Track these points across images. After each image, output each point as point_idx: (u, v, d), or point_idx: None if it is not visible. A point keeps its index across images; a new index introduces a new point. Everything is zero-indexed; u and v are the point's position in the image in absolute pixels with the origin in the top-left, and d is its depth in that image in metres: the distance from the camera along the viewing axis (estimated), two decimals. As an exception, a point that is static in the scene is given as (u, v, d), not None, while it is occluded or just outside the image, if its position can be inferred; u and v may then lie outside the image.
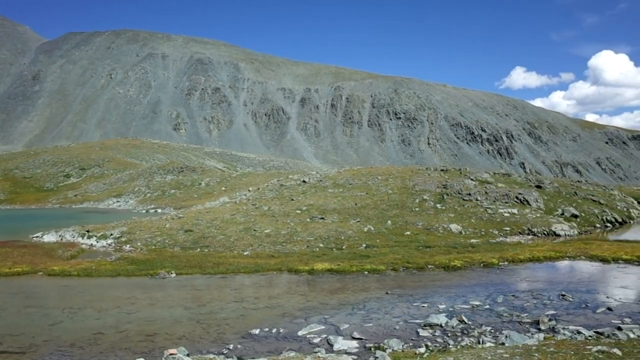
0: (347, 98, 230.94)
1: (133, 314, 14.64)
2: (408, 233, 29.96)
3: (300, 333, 12.40)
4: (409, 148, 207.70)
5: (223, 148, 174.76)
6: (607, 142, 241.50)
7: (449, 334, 11.99)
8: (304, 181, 45.72)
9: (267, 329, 12.77)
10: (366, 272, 20.37)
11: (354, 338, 11.85)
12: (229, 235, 29.14)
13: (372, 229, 30.61)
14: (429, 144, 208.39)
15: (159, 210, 58.69)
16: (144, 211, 59.64)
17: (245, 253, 25.56)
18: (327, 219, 32.79)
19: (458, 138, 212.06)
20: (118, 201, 74.15)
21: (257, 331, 12.61)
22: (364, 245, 26.93)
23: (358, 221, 32.23)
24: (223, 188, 69.24)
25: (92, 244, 29.25)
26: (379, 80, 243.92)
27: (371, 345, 11.26)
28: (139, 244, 28.38)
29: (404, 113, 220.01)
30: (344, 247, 26.46)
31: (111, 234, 30.45)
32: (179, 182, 78.82)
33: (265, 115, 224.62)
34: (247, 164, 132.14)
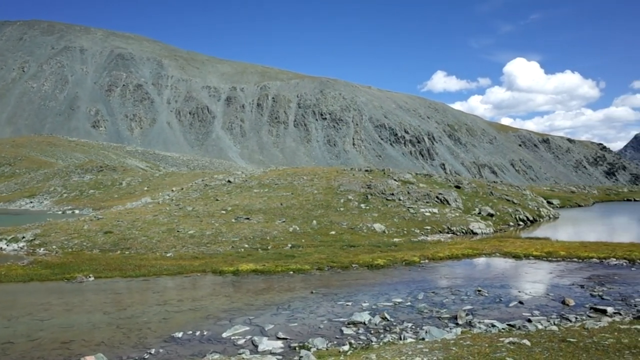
0: (273, 98, 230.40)
1: (47, 321, 13.93)
2: (333, 233, 30.31)
3: (224, 335, 12.26)
4: (335, 149, 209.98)
5: (145, 147, 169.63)
6: (520, 145, 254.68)
7: (372, 331, 12.23)
8: (229, 181, 45.22)
9: (190, 332, 12.53)
10: (291, 272, 20.43)
11: (278, 338, 11.85)
12: (151, 237, 28.34)
13: (298, 229, 30.73)
14: (354, 144, 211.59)
15: (77, 211, 56.18)
16: (60, 212, 56.86)
17: (168, 255, 24.96)
18: (252, 219, 32.59)
19: (382, 139, 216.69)
20: (31, 202, 70.30)
21: (180, 334, 12.35)
22: (290, 245, 27.00)
23: (283, 221, 32.26)
24: (145, 188, 67.22)
25: (1, 248, 27.55)
26: (305, 80, 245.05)
27: (296, 344, 11.30)
28: (54, 246, 27.02)
29: (330, 114, 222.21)
30: (269, 248, 26.41)
31: (23, 237, 28.78)
32: (99, 181, 75.77)
33: (190, 113, 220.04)
34: (171, 164, 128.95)
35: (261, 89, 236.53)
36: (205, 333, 12.46)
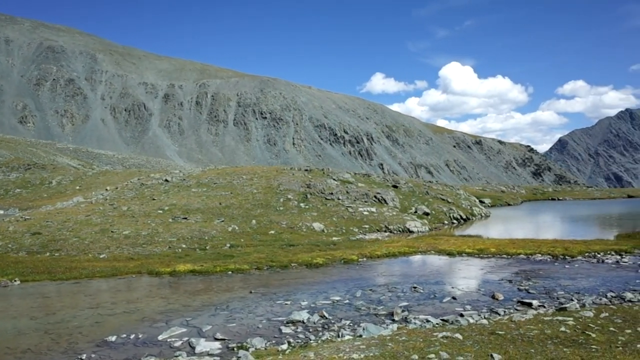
0: (212, 96, 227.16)
1: (-31, 327, 13.22)
2: (272, 232, 30.28)
3: (160, 337, 12.03)
4: (275, 148, 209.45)
5: (78, 144, 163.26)
6: (454, 146, 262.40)
7: (311, 330, 12.33)
8: (166, 180, 44.31)
9: (124, 335, 12.21)
10: (230, 272, 20.28)
11: (216, 339, 11.74)
12: (83, 238, 27.38)
13: (237, 228, 30.51)
14: (294, 144, 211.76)
15: (1, 212, 53.44)
16: (-17, 213, 53.96)
17: (101, 256, 24.20)
18: (190, 219, 32.08)
19: (322, 139, 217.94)
20: (-50, 202, 66.29)
21: (113, 338, 12.01)
22: (228, 245, 26.77)
23: (222, 221, 31.94)
24: (77, 187, 64.74)
25: None
26: (245, 79, 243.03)
27: (234, 345, 11.23)
28: (-23, 249, 25.64)
29: (270, 113, 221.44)
30: (207, 248, 26.09)
31: (-57, 239, 27.16)
32: (26, 180, 72.33)
33: (126, 110, 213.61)
34: (105, 162, 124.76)
35: (200, 87, 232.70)
36: (140, 336, 12.18)
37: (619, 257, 22.67)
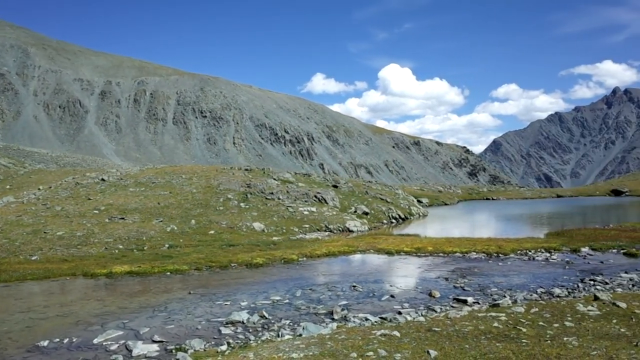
0: (151, 94, 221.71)
1: None
2: (212, 232, 29.99)
3: (95, 341, 11.73)
4: (215, 147, 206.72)
5: (8, 142, 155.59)
6: (393, 147, 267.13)
7: (251, 330, 12.34)
8: (103, 179, 43.01)
9: (57, 340, 11.82)
10: (169, 273, 19.97)
11: (154, 341, 11.57)
12: (13, 239, 26.23)
13: (176, 228, 30.03)
14: (234, 143, 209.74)
15: None
16: None
17: (33, 258, 23.26)
18: (127, 219, 31.31)
19: (262, 138, 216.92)
20: None
21: (45, 343, 11.61)
22: (167, 245, 26.32)
23: (161, 221, 31.35)
24: (8, 187, 61.76)
25: None
26: (185, 77, 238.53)
27: (172, 347, 11.10)
28: None
29: (210, 112, 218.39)
30: (145, 248, 25.56)
31: None
32: (-50, 179, 68.39)
33: (60, 107, 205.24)
34: (38, 160, 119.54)
35: (138, 84, 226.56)
36: (74, 340, 11.83)
37: (548, 254, 23.88)
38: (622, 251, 24.39)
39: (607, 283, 17.08)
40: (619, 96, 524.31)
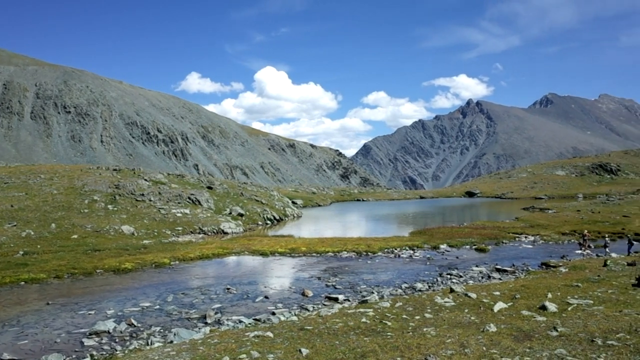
0: (5, 84, 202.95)
1: None
2: (75, 236, 28.09)
3: None
4: (80, 145, 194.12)
5: None
6: (269, 149, 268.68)
7: (117, 340, 11.69)
8: (-55, 179, 38.57)
9: None
10: (23, 283, 18.33)
11: None
12: None
13: (32, 233, 27.72)
14: (102, 142, 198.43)
15: None
16: None
17: None
18: (-25, 223, 28.34)
19: (134, 137, 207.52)
20: None
21: None
22: (22, 252, 24.18)
23: (14, 225, 28.77)
24: None
25: None
26: (45, 68, 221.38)
27: (27, 362, 10.19)
28: None
29: (75, 107, 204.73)
30: (-3, 255, 23.26)
31: None
32: None
33: None
34: None
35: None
36: None
37: (412, 251, 25.35)
38: (474, 247, 27.08)
39: (461, 276, 18.75)
40: (472, 107, 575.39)
